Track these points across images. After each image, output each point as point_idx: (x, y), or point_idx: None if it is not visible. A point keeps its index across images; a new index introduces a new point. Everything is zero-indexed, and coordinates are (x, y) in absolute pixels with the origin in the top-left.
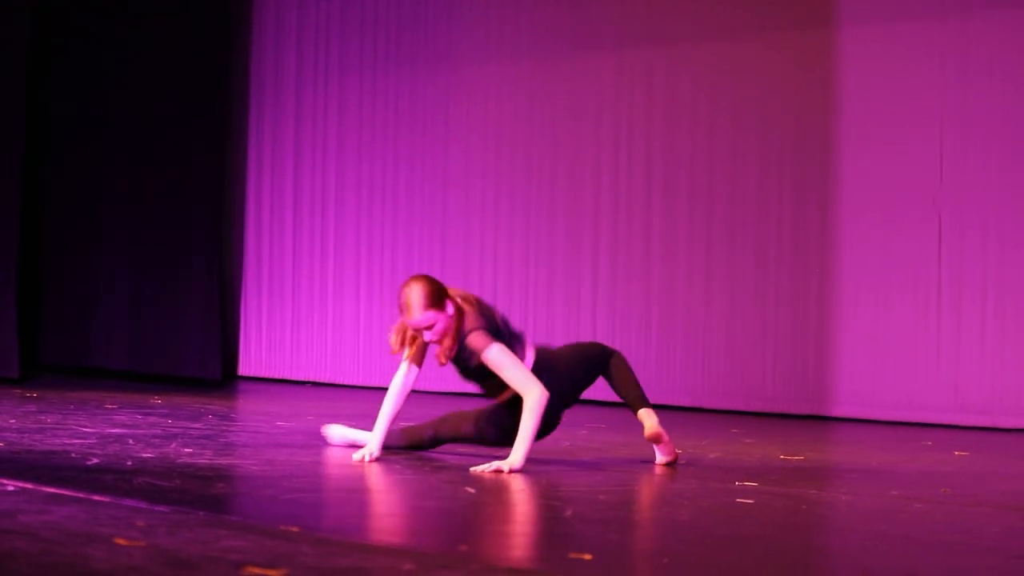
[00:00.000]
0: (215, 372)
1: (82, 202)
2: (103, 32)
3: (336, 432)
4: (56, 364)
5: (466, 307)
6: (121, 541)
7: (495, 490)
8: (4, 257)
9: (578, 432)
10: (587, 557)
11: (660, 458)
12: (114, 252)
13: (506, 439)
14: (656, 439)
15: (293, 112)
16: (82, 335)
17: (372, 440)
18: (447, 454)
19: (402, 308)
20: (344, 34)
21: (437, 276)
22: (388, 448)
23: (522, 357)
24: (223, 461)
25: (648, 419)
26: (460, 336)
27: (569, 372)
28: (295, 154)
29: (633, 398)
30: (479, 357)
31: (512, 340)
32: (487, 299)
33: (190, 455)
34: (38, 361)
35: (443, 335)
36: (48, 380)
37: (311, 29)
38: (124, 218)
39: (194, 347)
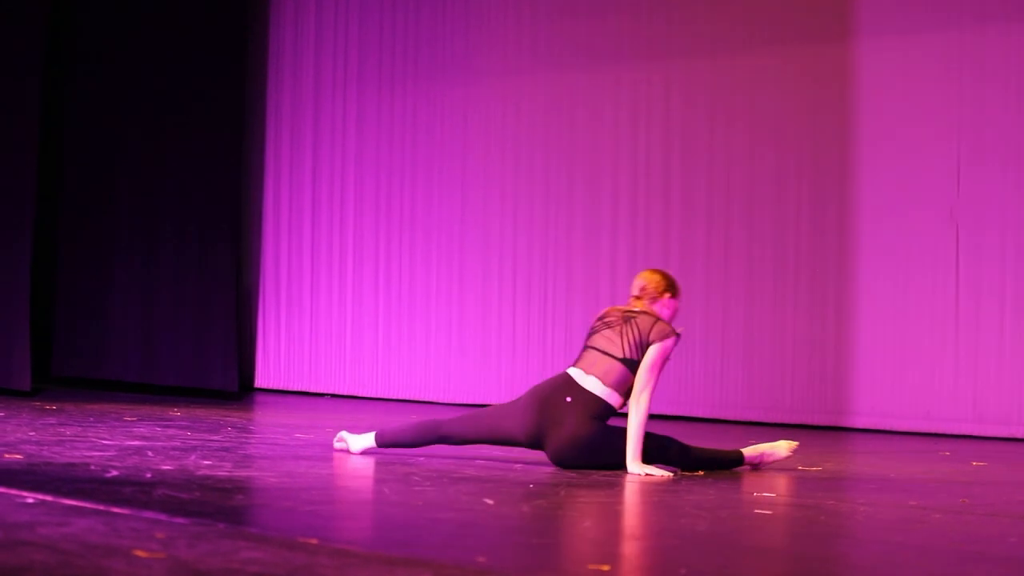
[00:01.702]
0: (232, 385)
1: (96, 213)
2: (119, 45)
3: (359, 442)
4: (69, 377)
5: None
6: (140, 553)
7: (513, 501)
8: (17, 269)
9: None
10: (605, 568)
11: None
12: (129, 263)
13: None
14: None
15: (311, 123)
16: (95, 347)
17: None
18: (467, 465)
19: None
20: (362, 46)
21: (456, 284)
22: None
23: None
24: (242, 473)
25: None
26: None
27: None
28: (313, 165)
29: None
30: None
31: None
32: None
33: (209, 467)
34: (51, 374)
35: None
36: (61, 393)
37: (329, 42)
38: (139, 229)
39: (211, 359)
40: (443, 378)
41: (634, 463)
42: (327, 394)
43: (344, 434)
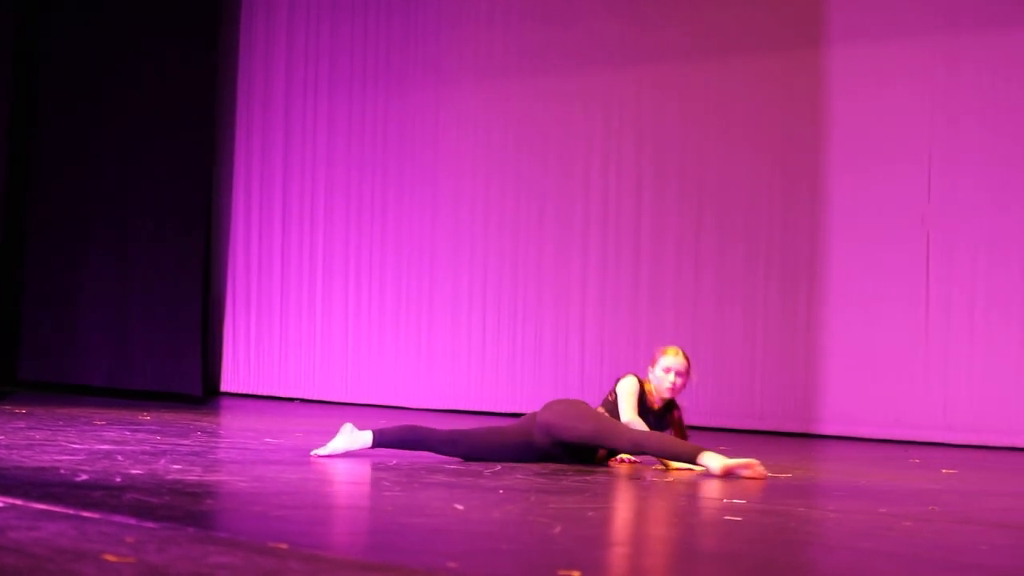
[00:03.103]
0: (196, 389)
1: (65, 218)
2: (90, 44)
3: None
4: (35, 381)
5: None
6: (110, 557)
7: (483, 507)
8: None
9: None
10: (575, 574)
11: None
12: (97, 268)
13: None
14: (729, 473)
15: (282, 128)
16: (63, 352)
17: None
18: (437, 471)
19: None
20: (333, 52)
21: (426, 288)
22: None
23: None
24: (212, 477)
25: (712, 461)
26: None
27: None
28: (284, 168)
29: (686, 450)
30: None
31: None
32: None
33: (179, 471)
34: (16, 378)
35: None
36: (30, 396)
37: (300, 47)
38: (108, 234)
39: (178, 364)
40: (413, 382)
41: (704, 457)
42: (296, 399)
43: (348, 426)
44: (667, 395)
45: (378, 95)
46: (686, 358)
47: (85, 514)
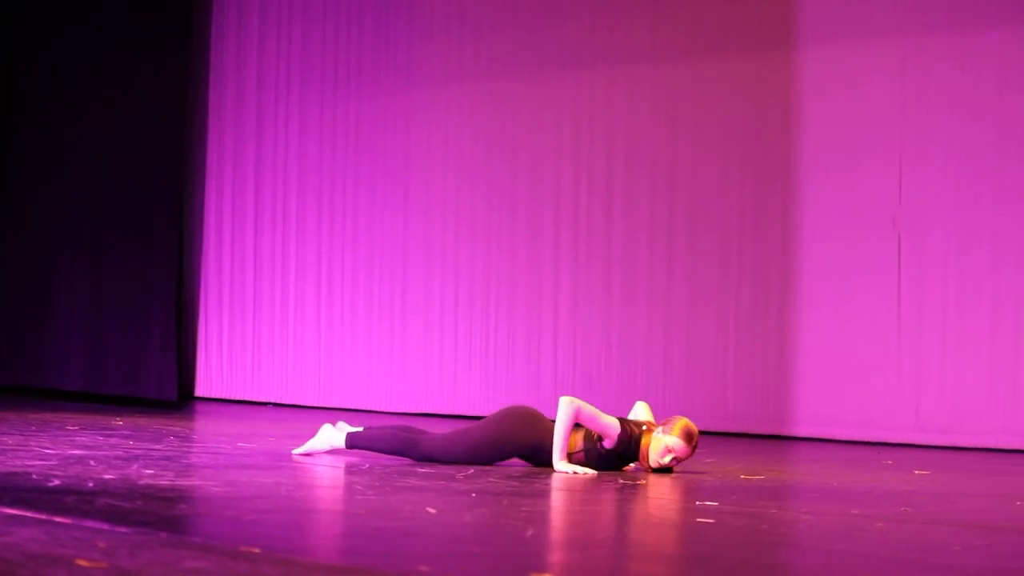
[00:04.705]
0: (171, 394)
1: (37, 222)
2: (62, 47)
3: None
4: (7, 385)
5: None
6: (83, 562)
7: (455, 510)
8: None
9: None
10: None
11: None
12: (70, 272)
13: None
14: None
15: (254, 133)
16: (35, 356)
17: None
18: (409, 474)
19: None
20: (305, 57)
21: (399, 293)
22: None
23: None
24: (184, 482)
25: None
26: None
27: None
28: (256, 175)
29: None
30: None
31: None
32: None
33: (151, 476)
34: None
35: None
36: (1, 401)
37: (272, 52)
38: (80, 237)
39: (151, 369)
40: (385, 387)
41: (559, 463)
42: (269, 403)
43: (327, 427)
44: (652, 465)
45: (349, 100)
46: (693, 449)
47: (57, 519)
